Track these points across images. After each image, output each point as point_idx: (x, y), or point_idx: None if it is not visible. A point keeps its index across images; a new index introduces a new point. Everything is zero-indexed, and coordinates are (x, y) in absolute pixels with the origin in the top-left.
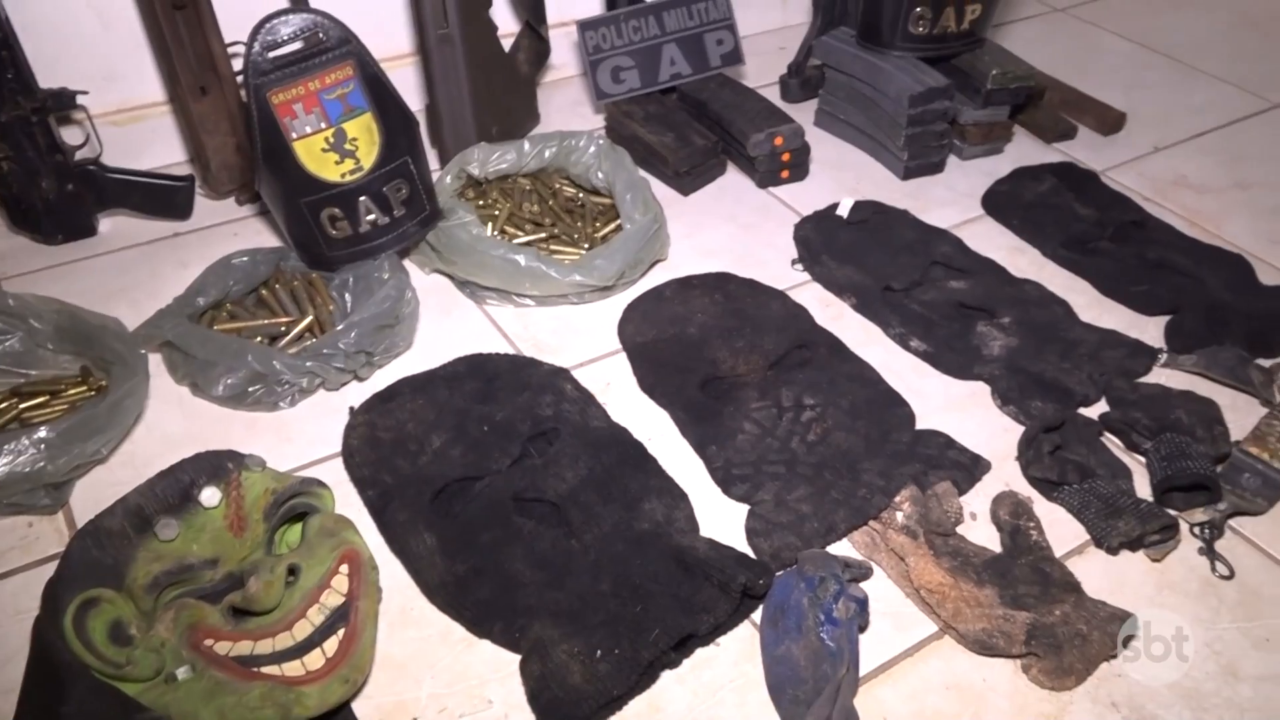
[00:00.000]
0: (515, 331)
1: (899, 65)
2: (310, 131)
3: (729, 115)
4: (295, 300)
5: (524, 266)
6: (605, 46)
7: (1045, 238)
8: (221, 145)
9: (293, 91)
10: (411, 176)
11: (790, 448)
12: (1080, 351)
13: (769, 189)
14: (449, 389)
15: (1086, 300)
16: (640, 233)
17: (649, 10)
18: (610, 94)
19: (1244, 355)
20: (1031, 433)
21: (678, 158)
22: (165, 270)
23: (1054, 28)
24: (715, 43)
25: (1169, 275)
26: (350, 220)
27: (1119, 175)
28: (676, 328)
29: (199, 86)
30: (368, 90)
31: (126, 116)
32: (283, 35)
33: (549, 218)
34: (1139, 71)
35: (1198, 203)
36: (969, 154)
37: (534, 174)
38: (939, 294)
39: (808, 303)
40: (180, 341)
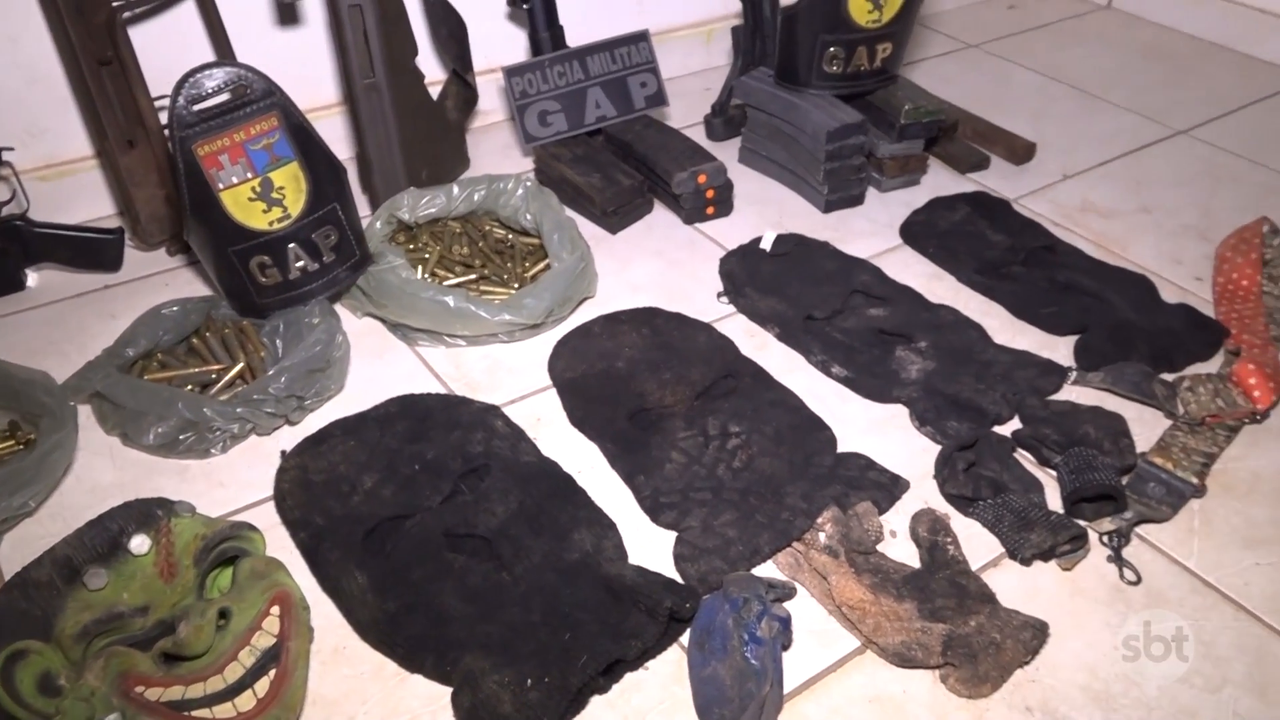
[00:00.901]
0: (447, 371)
1: (815, 103)
2: (237, 181)
3: (654, 155)
4: (226, 348)
5: (454, 308)
6: (532, 92)
7: (960, 264)
8: (151, 197)
9: (218, 143)
10: (340, 223)
11: (716, 475)
12: (994, 372)
13: (695, 225)
14: (380, 430)
15: (1000, 323)
16: (568, 271)
17: (573, 56)
18: (538, 137)
19: (1148, 371)
20: (947, 451)
21: (604, 197)
22: (95, 322)
23: (968, 63)
24: (639, 85)
25: (1077, 297)
26: (280, 267)
27: (1030, 202)
28: (605, 362)
29: (127, 140)
30: (293, 140)
31: (54, 171)
32: (207, 89)
33: (479, 259)
34: (1048, 103)
35: (1105, 227)
36: (887, 186)
37: (464, 217)
38: (859, 321)
39: (733, 334)
40: (109, 392)
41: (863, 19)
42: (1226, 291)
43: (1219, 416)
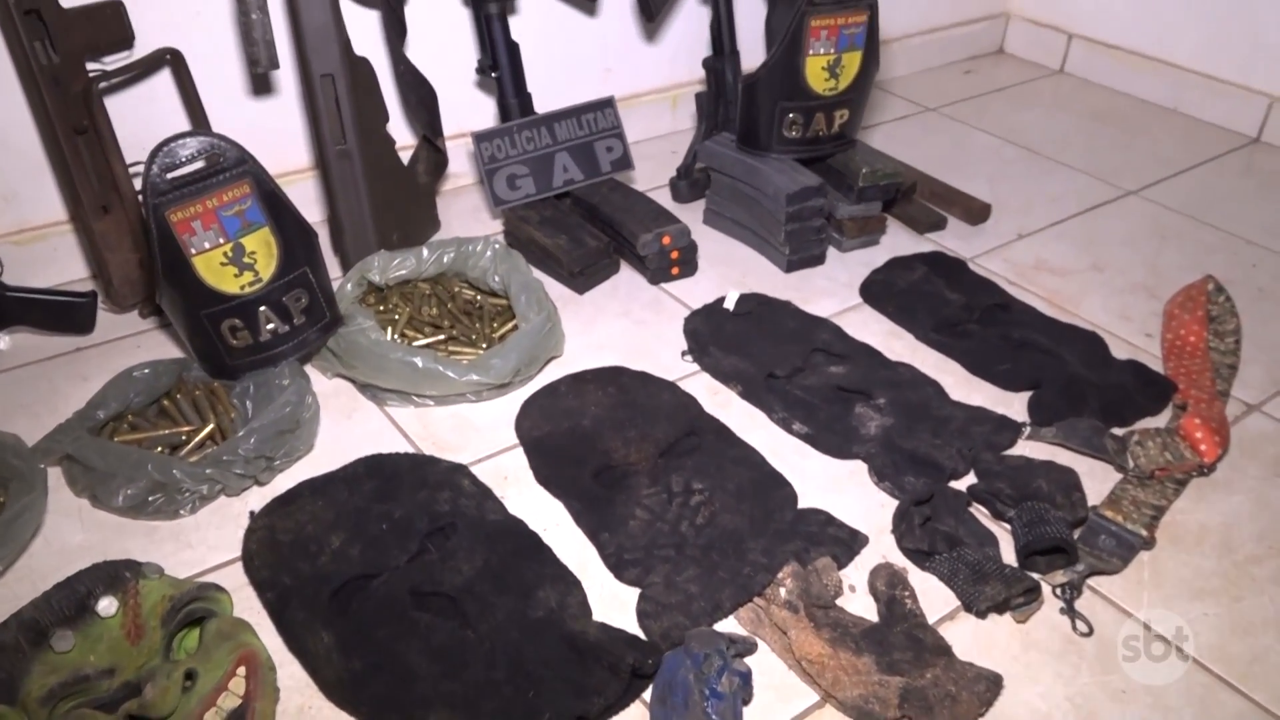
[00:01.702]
0: (415, 431)
1: (776, 167)
2: (209, 247)
3: (620, 217)
4: (197, 409)
5: (422, 368)
6: (500, 156)
7: (918, 322)
8: (124, 261)
9: (191, 209)
10: (311, 285)
11: (680, 531)
12: (950, 428)
13: (660, 285)
14: (348, 490)
15: (956, 380)
16: (535, 331)
17: (541, 122)
18: (507, 200)
19: (1099, 425)
20: (904, 506)
21: (571, 259)
22: (66, 385)
23: (925, 126)
24: (605, 150)
25: (1031, 353)
26: (250, 330)
27: (986, 262)
28: (571, 421)
29: (101, 206)
30: (265, 206)
31: (28, 235)
32: (181, 157)
33: (448, 320)
34: (1003, 165)
35: (1058, 285)
36: (847, 246)
37: (433, 278)
38: (819, 379)
39: (697, 392)
40: (79, 454)
41: (820, 87)
42: (1174, 348)
43: (1168, 470)
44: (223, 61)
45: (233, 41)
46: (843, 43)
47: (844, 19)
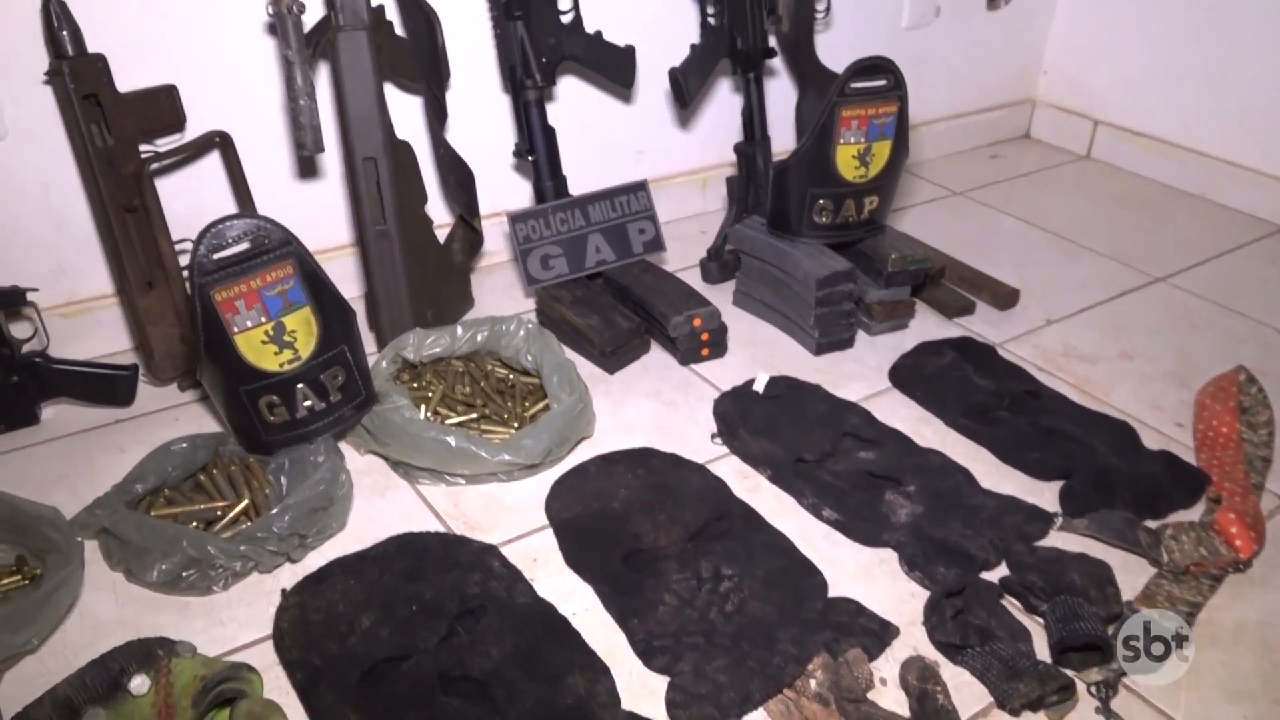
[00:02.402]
0: (446, 510)
1: (806, 251)
2: (251, 325)
3: (651, 298)
4: (232, 484)
5: (455, 447)
6: (535, 237)
7: (947, 408)
8: (166, 335)
9: (235, 289)
10: (348, 364)
11: (709, 618)
12: (981, 517)
13: (690, 366)
14: (380, 569)
15: (986, 468)
16: (566, 412)
17: (575, 204)
18: (540, 280)
19: (1131, 518)
20: (936, 598)
21: (603, 339)
22: (104, 456)
23: (953, 210)
24: (638, 232)
25: (1062, 442)
26: (287, 407)
27: (1015, 347)
28: (601, 503)
29: (146, 281)
30: (306, 286)
31: (74, 309)
32: (228, 238)
33: (480, 398)
34: (1031, 249)
35: (1087, 372)
36: (876, 330)
37: (467, 356)
38: (849, 464)
39: (726, 475)
40: (116, 529)
41: (850, 174)
42: (1206, 439)
43: (1203, 565)
44: (269, 143)
45: (280, 124)
46: (873, 132)
47: (874, 109)
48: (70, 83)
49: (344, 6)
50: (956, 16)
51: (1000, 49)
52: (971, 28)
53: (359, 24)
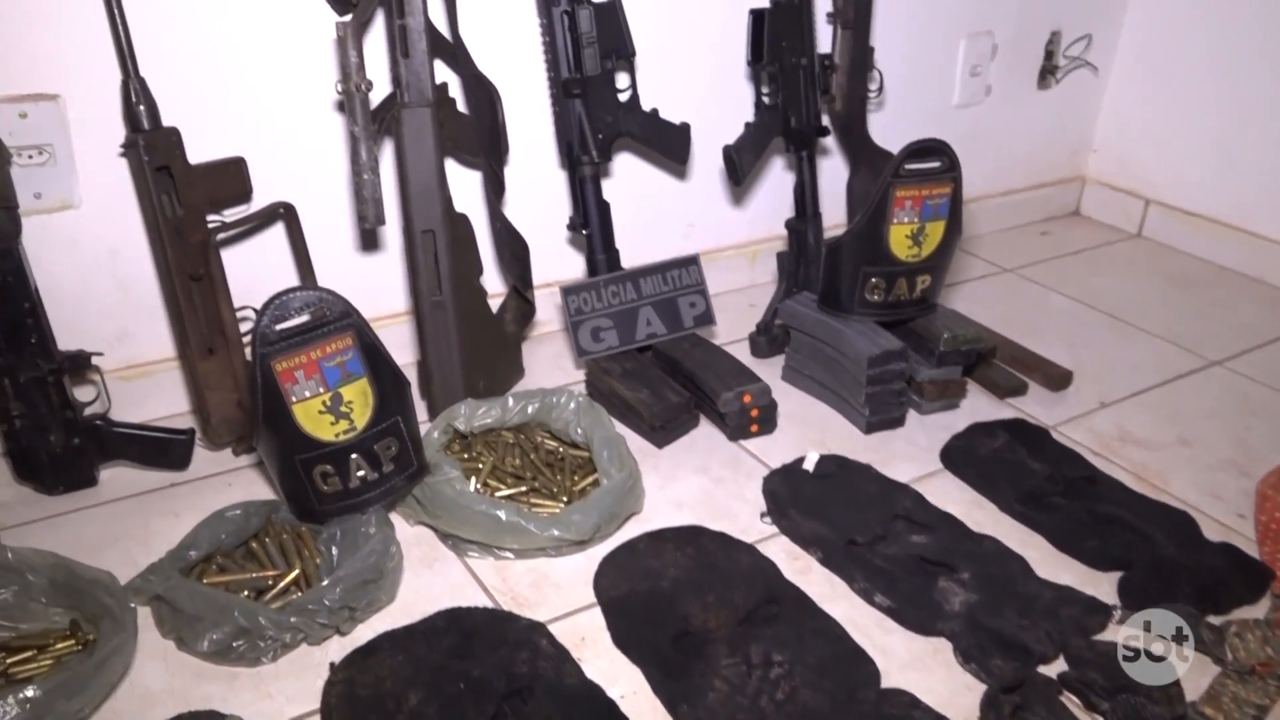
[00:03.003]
0: (495, 584)
1: (857, 329)
2: (309, 395)
3: (701, 373)
4: (284, 553)
5: (505, 522)
6: (586, 309)
7: (1001, 493)
8: (223, 401)
9: (295, 360)
10: (401, 434)
11: (759, 706)
12: (1038, 608)
13: (739, 442)
14: (428, 644)
15: (1042, 555)
16: (616, 488)
17: (627, 277)
18: (590, 352)
19: (1193, 613)
20: (992, 693)
21: (652, 413)
22: (158, 520)
23: (1004, 287)
24: (688, 305)
25: (1119, 531)
26: (341, 476)
27: (1069, 430)
28: (650, 582)
29: (207, 348)
30: (365, 357)
31: (135, 372)
32: (291, 310)
33: (530, 471)
34: (1083, 329)
35: (1143, 458)
36: (927, 409)
37: (517, 428)
38: (901, 548)
39: (776, 556)
40: (170, 596)
41: (903, 253)
42: (1270, 531)
43: (1269, 665)
44: (331, 214)
45: (342, 196)
46: (927, 212)
47: (929, 190)
48: (145, 155)
49: (409, 85)
50: (1007, 95)
51: (1050, 127)
52: (1022, 106)
53: (423, 101)
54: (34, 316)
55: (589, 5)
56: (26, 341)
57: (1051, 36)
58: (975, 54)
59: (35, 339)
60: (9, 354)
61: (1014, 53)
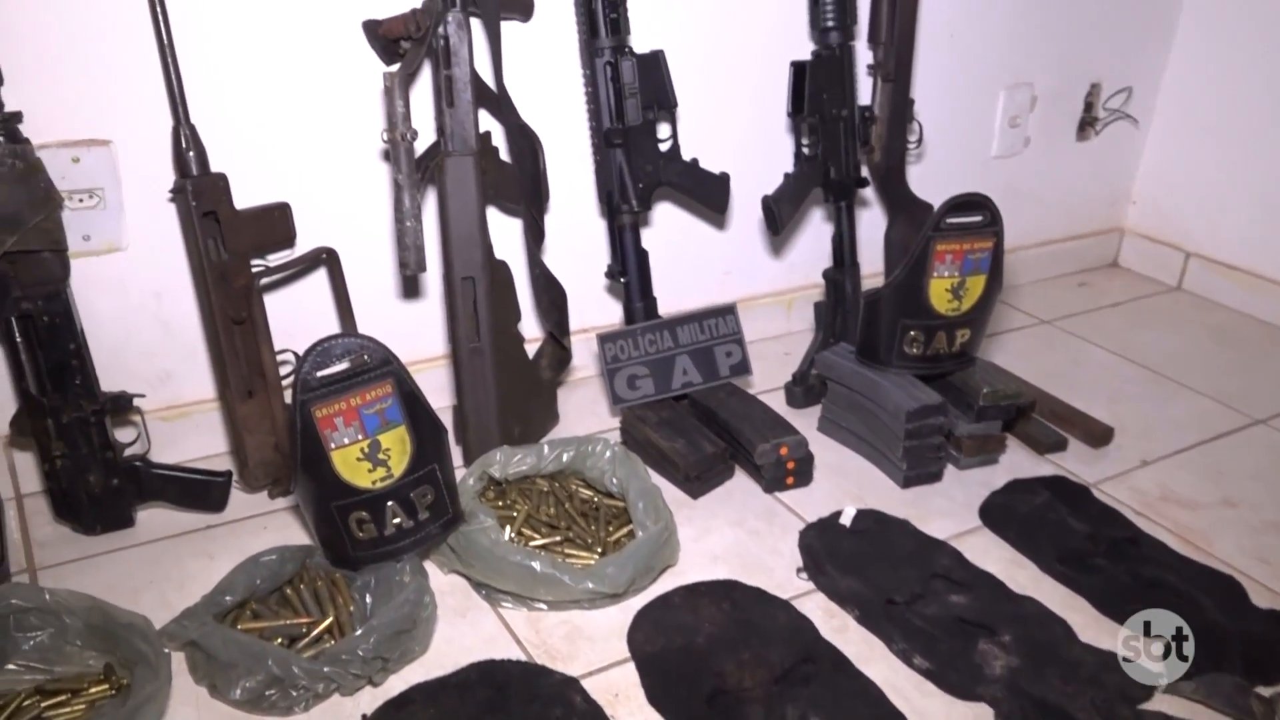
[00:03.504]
0: (528, 636)
1: (895, 382)
2: (348, 442)
3: (737, 424)
4: (318, 600)
5: (539, 573)
6: (622, 357)
7: (1042, 552)
8: (261, 444)
9: (335, 406)
10: (437, 482)
11: None
12: (1082, 674)
13: (775, 494)
14: (460, 698)
15: (1084, 619)
16: (651, 541)
17: (664, 325)
18: (626, 399)
19: (1242, 684)
20: None
21: (688, 463)
22: (194, 563)
23: (1041, 339)
24: (725, 355)
25: (1164, 595)
26: (376, 523)
27: (1110, 489)
28: (685, 637)
29: (247, 390)
30: (404, 405)
31: (175, 413)
32: (332, 357)
33: (564, 520)
34: (1123, 384)
35: (1187, 519)
36: (965, 464)
37: (552, 475)
38: (940, 608)
39: (812, 613)
40: (204, 642)
41: (943, 307)
42: None
43: None
44: (372, 258)
45: (383, 241)
46: (967, 266)
47: (970, 244)
48: (192, 200)
49: (454, 134)
50: (1045, 146)
51: (1089, 178)
52: (1060, 157)
53: (467, 150)
54: (79, 358)
55: (632, 56)
56: (71, 382)
57: (1091, 89)
58: (1014, 105)
59: (79, 380)
60: (54, 394)
61: (1053, 104)
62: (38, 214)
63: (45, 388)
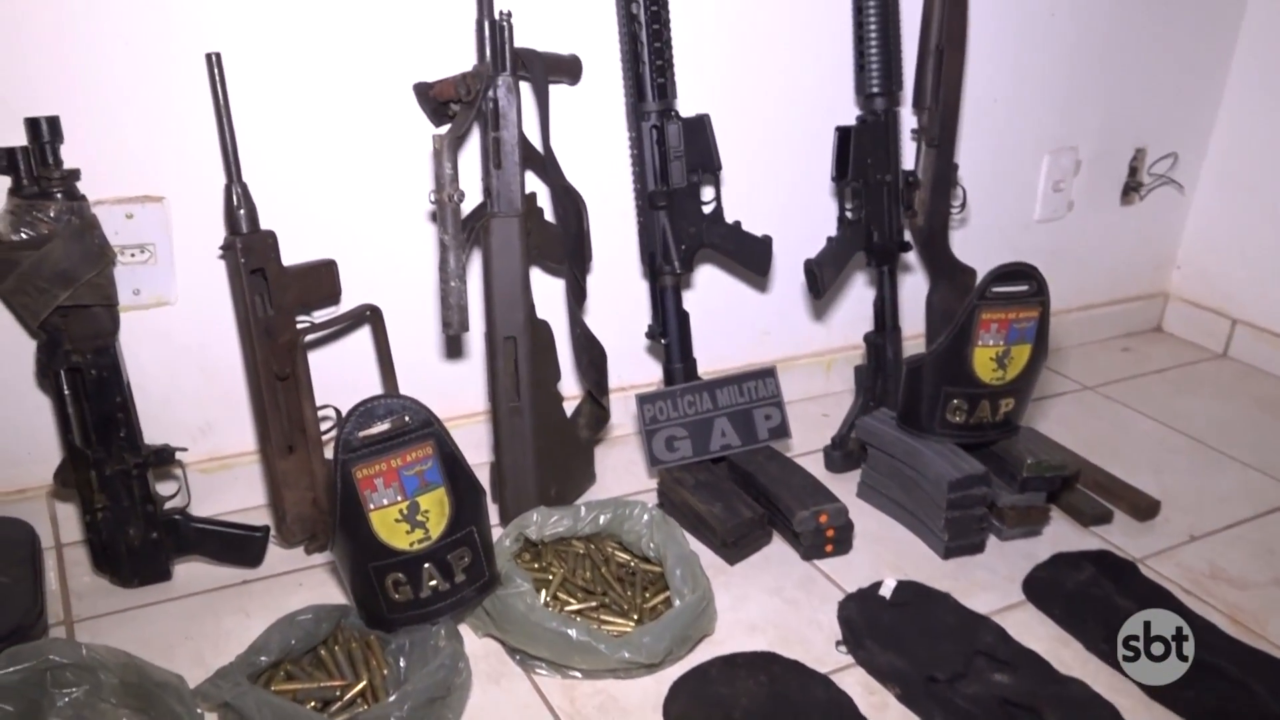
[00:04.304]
0: (562, 705)
1: (938, 450)
2: (387, 503)
3: (776, 489)
4: (352, 662)
5: (575, 641)
6: (661, 418)
7: (1088, 631)
8: (299, 499)
9: (375, 467)
10: (475, 544)
11: None
12: None
13: (813, 561)
14: None
15: (1134, 703)
16: (688, 610)
17: (703, 387)
18: (664, 461)
19: None
20: None
21: (725, 528)
22: (229, 619)
23: (1084, 406)
24: (764, 418)
25: (1215, 680)
26: (413, 585)
27: (1157, 564)
28: (721, 711)
29: (288, 445)
30: (443, 467)
31: (215, 465)
32: (374, 418)
33: (601, 585)
34: (1168, 455)
35: (1238, 599)
36: (1008, 535)
37: (588, 538)
38: (983, 688)
39: (852, 689)
40: (238, 704)
41: (987, 376)
42: None
43: None
44: (414, 316)
45: (425, 298)
46: (1013, 335)
47: (1015, 314)
48: (242, 258)
49: (500, 195)
50: (1089, 210)
51: (1133, 242)
52: (1104, 221)
53: (513, 212)
54: (124, 410)
55: (678, 120)
56: (115, 435)
57: (1136, 153)
58: (1058, 170)
59: (124, 433)
60: (98, 447)
61: (1097, 169)
62: (91, 270)
63: (90, 440)
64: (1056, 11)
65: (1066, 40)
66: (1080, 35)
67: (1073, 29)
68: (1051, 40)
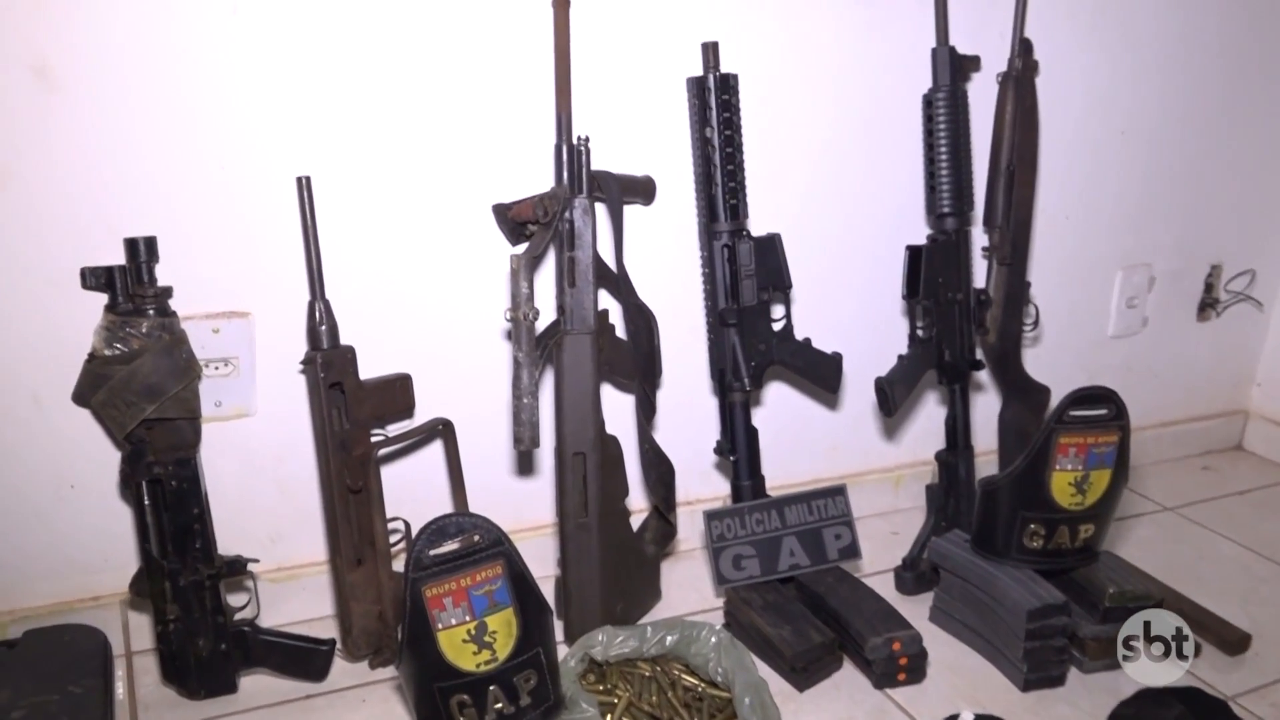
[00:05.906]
0: None
1: (1014, 577)
2: (455, 623)
3: (847, 614)
4: None
5: None
6: (729, 536)
7: None
8: (366, 612)
9: (445, 586)
10: (541, 666)
11: None
12: None
13: (885, 690)
14: None
15: None
16: None
17: (772, 505)
18: (731, 580)
19: None
20: None
21: (795, 653)
22: None
23: (1166, 529)
24: (834, 537)
25: None
26: (478, 707)
27: (1250, 704)
28: None
29: (356, 558)
30: (513, 587)
31: (284, 575)
32: (446, 536)
33: (667, 711)
34: (1257, 584)
35: None
36: (1090, 668)
37: (654, 659)
38: None
39: None
40: None
41: (1065, 501)
42: None
43: None
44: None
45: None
46: (1092, 460)
47: (1094, 438)
48: (321, 372)
49: (573, 313)
50: (1164, 326)
51: (1210, 359)
52: (1180, 337)
53: (586, 329)
54: (201, 522)
55: (749, 239)
56: (191, 546)
57: (1211, 270)
58: (1132, 286)
59: (199, 544)
60: (174, 557)
61: (1172, 285)
62: (179, 384)
63: (166, 550)
64: (1127, 130)
65: (1138, 157)
66: (1152, 153)
67: (1144, 146)
68: (1123, 157)
